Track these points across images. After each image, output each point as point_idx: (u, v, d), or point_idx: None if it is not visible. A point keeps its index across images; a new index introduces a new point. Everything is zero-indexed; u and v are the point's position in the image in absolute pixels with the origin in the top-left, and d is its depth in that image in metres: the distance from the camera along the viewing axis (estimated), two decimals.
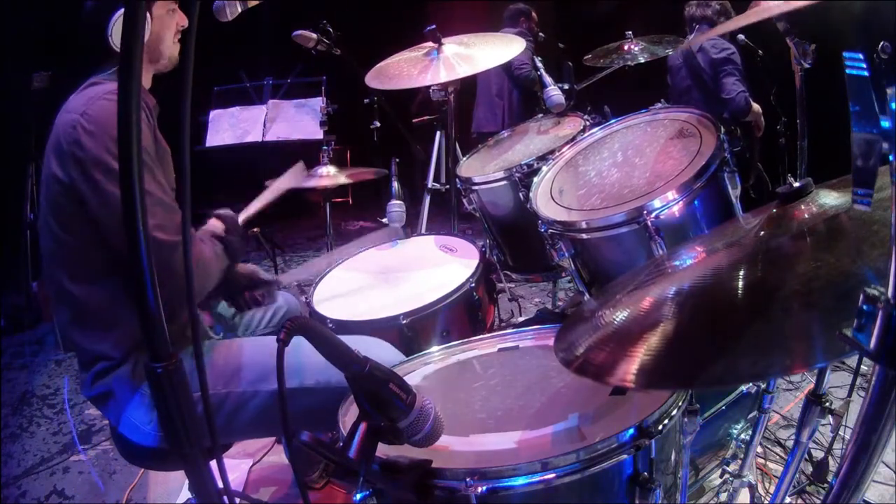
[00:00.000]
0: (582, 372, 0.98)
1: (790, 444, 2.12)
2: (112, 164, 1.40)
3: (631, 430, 1.04)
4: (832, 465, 1.95)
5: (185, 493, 2.19)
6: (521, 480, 1.00)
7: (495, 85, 5.22)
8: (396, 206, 2.45)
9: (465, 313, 1.98)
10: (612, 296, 1.22)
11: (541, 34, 4.90)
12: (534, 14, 5.11)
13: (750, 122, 3.98)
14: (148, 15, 1.54)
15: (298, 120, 3.93)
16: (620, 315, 1.08)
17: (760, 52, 3.34)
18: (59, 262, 1.52)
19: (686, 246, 1.33)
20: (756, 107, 3.97)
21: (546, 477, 1.01)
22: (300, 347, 1.15)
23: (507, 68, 4.86)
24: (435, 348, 1.59)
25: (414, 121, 4.55)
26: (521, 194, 2.10)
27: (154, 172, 1.47)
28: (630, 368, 0.89)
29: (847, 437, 1.73)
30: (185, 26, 1.64)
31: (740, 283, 0.97)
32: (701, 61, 3.98)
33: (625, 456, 1.03)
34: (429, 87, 2.84)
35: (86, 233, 1.47)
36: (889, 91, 0.61)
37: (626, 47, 3.13)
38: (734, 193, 1.69)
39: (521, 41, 2.37)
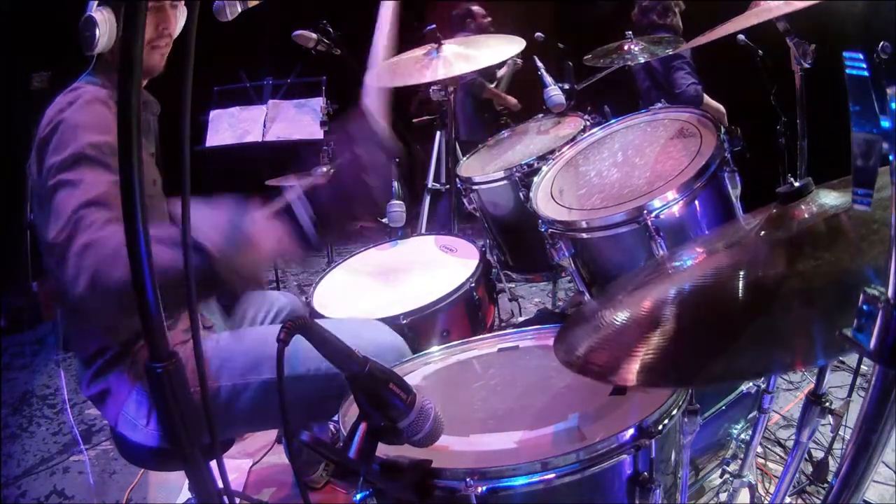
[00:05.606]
0: (582, 372, 0.98)
1: (790, 444, 2.12)
2: (63, 154, 1.32)
3: (631, 430, 1.04)
4: (832, 465, 1.95)
5: (185, 493, 2.19)
6: (521, 480, 1.00)
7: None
8: (396, 206, 2.45)
9: (465, 313, 1.97)
10: (613, 296, 1.22)
11: (540, 34, 4.87)
12: (477, 9, 4.71)
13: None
14: (114, 18, 1.45)
15: (298, 120, 3.92)
16: (621, 315, 1.08)
17: (760, 52, 3.33)
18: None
19: (686, 246, 1.33)
20: (714, 104, 3.90)
21: (546, 477, 1.01)
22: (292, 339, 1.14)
23: None
24: (435, 348, 1.59)
25: (414, 121, 4.54)
26: (521, 194, 2.10)
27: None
28: (631, 368, 0.90)
29: (847, 437, 1.73)
30: (166, 29, 1.53)
31: (741, 283, 0.97)
32: (652, 61, 3.96)
33: (625, 456, 1.03)
34: (429, 87, 2.84)
35: None
36: (889, 91, 0.61)
37: (626, 47, 3.12)
38: (734, 193, 1.69)
39: (521, 41, 2.38)
